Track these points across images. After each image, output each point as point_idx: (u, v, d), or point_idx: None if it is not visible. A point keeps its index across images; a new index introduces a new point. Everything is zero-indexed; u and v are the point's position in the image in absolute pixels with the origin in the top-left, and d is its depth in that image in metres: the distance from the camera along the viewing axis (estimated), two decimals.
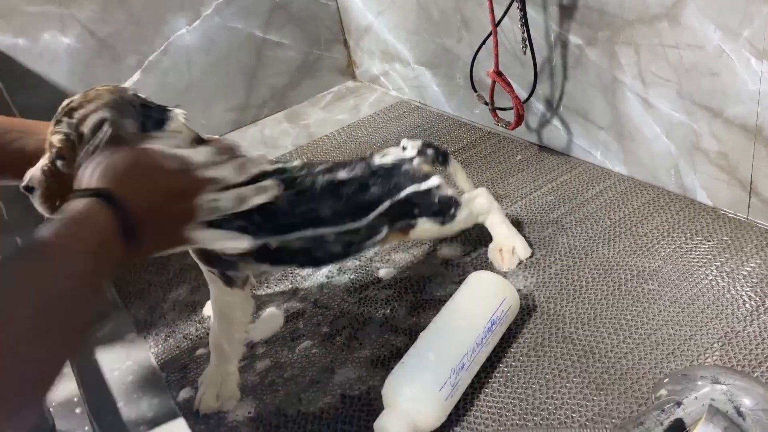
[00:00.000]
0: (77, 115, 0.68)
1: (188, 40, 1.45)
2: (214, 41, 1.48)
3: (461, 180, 0.99)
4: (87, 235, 0.54)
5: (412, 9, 1.39)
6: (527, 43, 1.08)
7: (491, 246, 0.97)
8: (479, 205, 0.94)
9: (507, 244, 0.96)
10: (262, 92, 1.59)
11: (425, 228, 0.87)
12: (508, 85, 1.12)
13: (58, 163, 0.70)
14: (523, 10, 1.05)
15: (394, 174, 0.85)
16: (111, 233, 0.56)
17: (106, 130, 0.67)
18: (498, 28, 1.10)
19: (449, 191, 0.89)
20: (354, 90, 1.68)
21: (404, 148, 0.89)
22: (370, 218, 0.82)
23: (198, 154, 0.68)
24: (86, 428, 0.80)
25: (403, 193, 0.84)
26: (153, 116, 0.72)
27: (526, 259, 0.96)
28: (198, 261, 0.80)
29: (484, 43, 1.16)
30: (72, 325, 0.50)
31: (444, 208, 0.88)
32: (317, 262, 0.87)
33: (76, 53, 1.33)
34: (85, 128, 0.68)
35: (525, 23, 1.06)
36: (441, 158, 0.93)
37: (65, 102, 0.70)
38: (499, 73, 1.13)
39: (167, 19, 1.41)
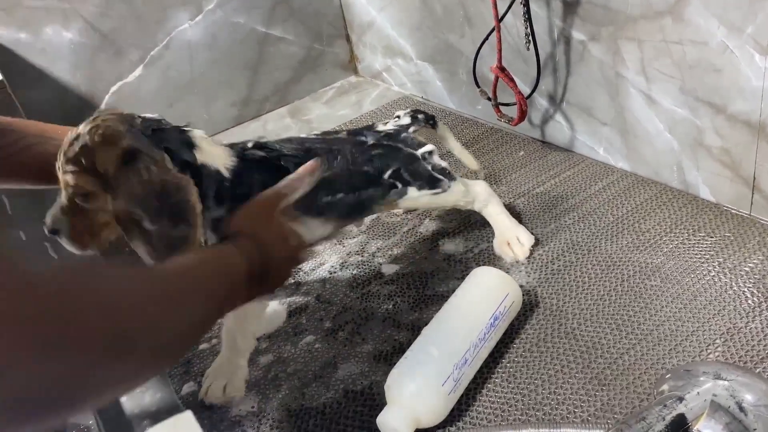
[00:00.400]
0: (96, 152, 0.67)
1: (190, 35, 1.45)
2: (217, 36, 1.48)
3: (451, 142, 1.03)
4: (225, 272, 0.58)
5: (415, 4, 1.38)
6: (530, 38, 1.08)
7: (497, 241, 0.97)
8: (477, 191, 0.96)
9: (511, 236, 0.96)
10: (265, 87, 1.59)
11: (415, 196, 0.90)
12: (511, 80, 1.12)
13: (78, 200, 0.69)
14: (526, 5, 1.04)
15: (396, 140, 0.91)
16: (242, 278, 0.59)
17: (149, 167, 0.67)
18: (501, 24, 1.09)
19: (444, 163, 0.93)
20: (356, 85, 1.68)
21: (398, 117, 0.96)
22: (383, 180, 0.88)
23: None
24: (90, 422, 0.80)
25: (400, 160, 0.89)
26: (175, 140, 0.71)
27: (531, 250, 0.96)
28: None
29: (487, 38, 1.16)
30: (179, 344, 0.51)
31: (438, 175, 0.91)
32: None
33: (79, 48, 1.33)
34: (110, 165, 0.67)
35: (528, 19, 1.06)
36: (431, 122, 0.98)
37: (72, 136, 0.68)
38: (502, 69, 1.13)
39: (169, 14, 1.41)
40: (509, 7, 1.07)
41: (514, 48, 1.17)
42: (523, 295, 0.86)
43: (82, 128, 0.68)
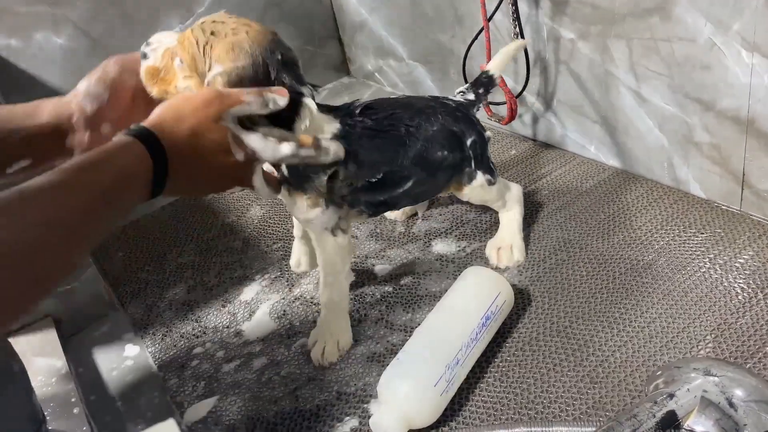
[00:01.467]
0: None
1: None
2: None
3: (506, 54, 0.98)
4: (111, 167, 0.57)
5: (406, 5, 1.38)
6: (519, 37, 1.08)
7: (492, 242, 0.98)
8: (513, 193, 0.96)
9: (507, 243, 0.96)
10: None
11: (479, 183, 0.89)
12: (501, 79, 1.13)
13: (177, 62, 0.71)
14: (514, 4, 1.05)
15: (470, 112, 0.90)
16: (138, 169, 0.58)
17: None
18: (490, 23, 1.10)
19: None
20: (349, 86, 1.68)
21: (462, 92, 0.93)
22: (464, 152, 0.87)
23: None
24: (84, 428, 0.80)
25: (477, 134, 0.88)
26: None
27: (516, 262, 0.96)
28: (309, 225, 0.81)
29: (476, 37, 1.16)
30: (74, 243, 0.53)
31: (492, 166, 0.91)
32: (415, 200, 0.90)
33: (69, 53, 1.32)
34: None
35: (517, 18, 1.06)
36: (489, 85, 0.95)
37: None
38: None
39: (160, 18, 1.41)
40: (497, 6, 1.08)
41: (504, 46, 1.17)
42: (514, 293, 0.86)
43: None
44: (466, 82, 1.22)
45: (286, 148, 0.68)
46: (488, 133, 0.91)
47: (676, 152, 1.00)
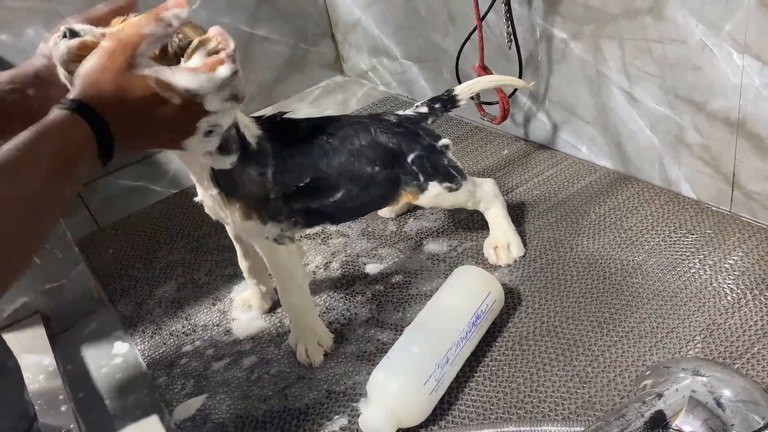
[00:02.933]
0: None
1: None
2: None
3: (486, 83, 0.99)
4: (54, 144, 0.54)
5: (400, 4, 1.38)
6: (512, 37, 1.08)
7: (487, 241, 0.97)
8: (485, 191, 0.95)
9: (503, 241, 0.96)
10: (250, 87, 1.58)
11: (434, 193, 0.88)
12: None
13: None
14: (507, 4, 1.05)
15: (417, 125, 0.89)
16: (81, 143, 0.56)
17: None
18: (483, 23, 1.10)
19: (456, 161, 0.92)
20: (342, 85, 1.68)
21: (417, 106, 0.94)
22: (403, 167, 0.86)
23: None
24: (72, 426, 0.80)
25: (422, 148, 0.87)
26: None
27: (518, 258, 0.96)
28: (251, 236, 0.81)
29: (468, 37, 1.16)
30: (25, 231, 0.52)
31: (453, 172, 0.90)
32: (351, 215, 0.89)
33: None
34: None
35: (510, 18, 1.06)
36: (450, 106, 0.95)
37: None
38: (484, 68, 1.13)
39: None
40: (490, 6, 1.08)
41: (497, 47, 1.18)
42: (505, 293, 0.86)
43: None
44: (458, 81, 1.22)
45: (224, 70, 0.60)
46: (444, 141, 0.90)
47: (668, 153, 1.00)
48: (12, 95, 0.68)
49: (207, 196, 0.78)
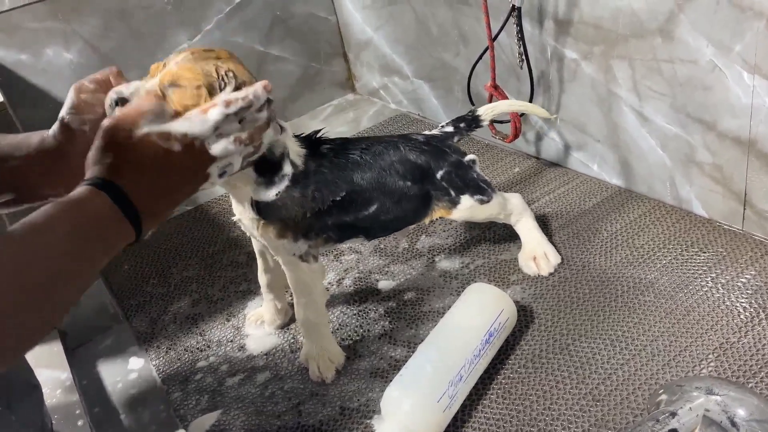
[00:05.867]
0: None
1: None
2: None
3: (512, 106, 1.04)
4: (77, 216, 0.55)
5: (411, 24, 1.40)
6: (524, 57, 1.10)
7: (523, 254, 0.98)
8: (514, 204, 0.97)
9: (539, 251, 0.97)
10: None
11: (467, 206, 0.90)
12: (505, 98, 1.14)
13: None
14: (519, 25, 1.06)
15: (443, 143, 0.92)
16: (108, 215, 0.57)
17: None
18: (495, 43, 1.11)
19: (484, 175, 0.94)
20: (354, 103, 1.70)
21: (442, 126, 0.96)
22: (433, 183, 0.88)
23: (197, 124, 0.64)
24: None
25: (449, 164, 0.89)
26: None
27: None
28: (278, 252, 0.82)
29: (481, 57, 1.17)
30: (52, 300, 0.52)
31: (483, 185, 0.92)
32: (384, 229, 0.90)
33: (79, 68, 1.34)
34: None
35: (521, 38, 1.08)
36: (475, 125, 0.98)
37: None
38: (496, 87, 1.14)
39: (168, 34, 1.43)
40: (502, 26, 1.09)
41: (508, 66, 1.19)
42: (517, 310, 0.86)
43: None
44: (470, 100, 1.23)
45: (214, 113, 0.62)
46: (470, 157, 0.92)
47: (679, 171, 1.01)
48: (39, 163, 0.69)
49: (245, 218, 0.79)
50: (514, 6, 1.04)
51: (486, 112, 0.98)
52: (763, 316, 0.81)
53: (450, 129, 0.95)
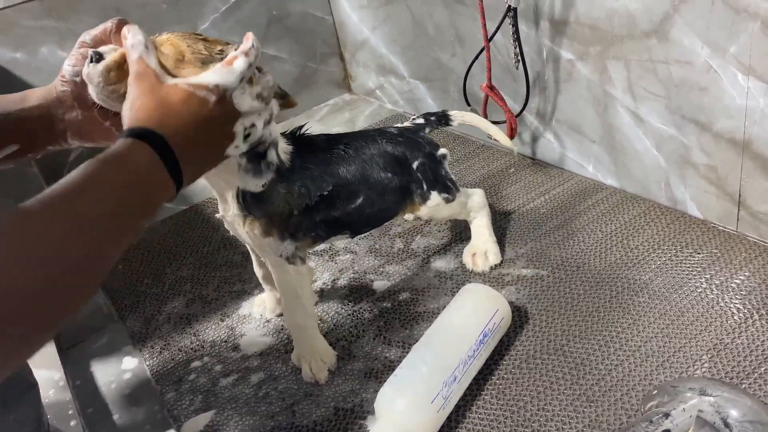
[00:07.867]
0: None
1: None
2: None
3: (479, 123, 1.05)
4: (121, 172, 0.55)
5: (408, 24, 1.40)
6: (519, 57, 1.10)
7: (467, 248, 1.01)
8: (475, 201, 0.98)
9: (481, 248, 0.99)
10: None
11: (434, 203, 0.91)
12: (501, 99, 1.14)
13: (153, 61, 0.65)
14: (515, 25, 1.06)
15: (416, 135, 0.93)
16: (150, 168, 0.56)
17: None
18: (491, 44, 1.11)
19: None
20: (350, 103, 1.70)
21: (413, 119, 0.99)
22: (409, 174, 0.89)
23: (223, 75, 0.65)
24: None
25: (424, 155, 0.90)
26: None
27: (493, 267, 0.98)
28: (265, 252, 0.82)
29: (476, 57, 1.17)
30: (99, 255, 0.51)
31: (449, 184, 0.93)
32: (369, 223, 0.90)
33: None
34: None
35: (517, 38, 1.08)
36: (444, 121, 1.00)
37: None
38: (491, 87, 1.14)
39: (164, 33, 1.43)
40: (498, 27, 1.09)
41: (504, 67, 1.19)
42: (512, 311, 0.86)
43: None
44: (466, 100, 1.23)
45: (240, 63, 0.64)
46: (442, 151, 0.93)
47: (673, 172, 1.01)
48: (40, 114, 0.70)
49: (229, 214, 0.79)
50: (510, 6, 1.04)
51: (456, 116, 1.01)
52: (757, 317, 0.82)
53: (421, 121, 0.98)
